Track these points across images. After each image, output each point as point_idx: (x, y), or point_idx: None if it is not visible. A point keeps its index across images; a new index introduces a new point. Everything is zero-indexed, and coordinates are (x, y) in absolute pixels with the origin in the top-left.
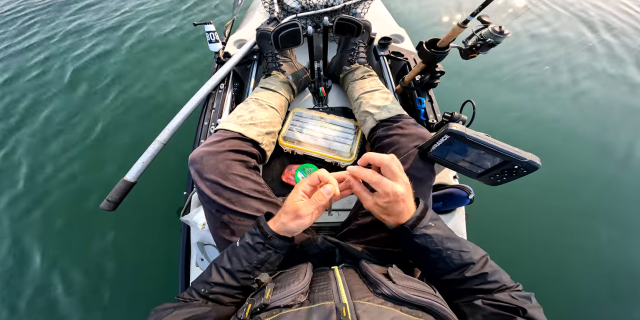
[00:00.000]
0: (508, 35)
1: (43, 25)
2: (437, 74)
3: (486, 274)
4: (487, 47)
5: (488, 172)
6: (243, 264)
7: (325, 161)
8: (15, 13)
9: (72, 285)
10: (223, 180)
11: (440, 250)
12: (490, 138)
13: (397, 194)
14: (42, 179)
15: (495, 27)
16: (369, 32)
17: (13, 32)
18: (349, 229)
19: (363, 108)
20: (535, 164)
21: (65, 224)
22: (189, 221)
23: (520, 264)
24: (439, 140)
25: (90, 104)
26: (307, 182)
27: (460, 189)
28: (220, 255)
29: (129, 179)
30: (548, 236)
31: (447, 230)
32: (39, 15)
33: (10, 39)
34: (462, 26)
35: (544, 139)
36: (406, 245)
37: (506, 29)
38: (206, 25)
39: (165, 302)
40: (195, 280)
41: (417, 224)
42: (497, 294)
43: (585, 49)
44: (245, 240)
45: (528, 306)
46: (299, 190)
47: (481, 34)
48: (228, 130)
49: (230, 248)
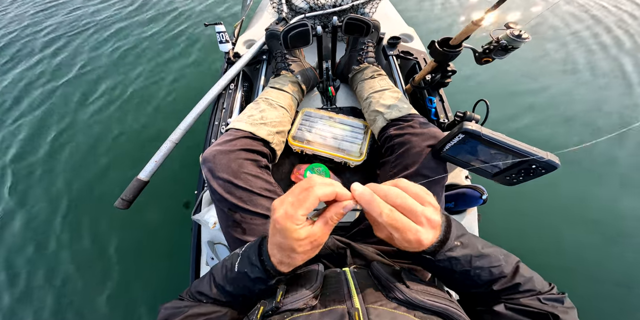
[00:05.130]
0: (527, 40)
1: (64, 20)
2: (449, 73)
3: (518, 285)
4: (502, 51)
5: (504, 171)
6: (244, 290)
7: (335, 161)
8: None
9: (79, 281)
10: (235, 179)
11: (468, 270)
12: (507, 137)
13: (422, 243)
14: (61, 179)
15: (514, 31)
16: (377, 31)
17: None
18: (360, 228)
19: (373, 107)
20: (554, 163)
21: (78, 221)
22: (200, 220)
23: (533, 260)
24: (453, 140)
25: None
26: (308, 204)
27: (473, 189)
28: (219, 270)
29: (142, 177)
30: (562, 234)
31: (476, 246)
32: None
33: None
34: (476, 24)
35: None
36: (427, 268)
37: (525, 33)
38: (217, 25)
39: (174, 300)
40: (195, 286)
41: (441, 249)
42: (523, 299)
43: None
44: (244, 269)
45: (560, 310)
46: (297, 216)
47: (498, 36)
48: (239, 129)
49: (229, 269)
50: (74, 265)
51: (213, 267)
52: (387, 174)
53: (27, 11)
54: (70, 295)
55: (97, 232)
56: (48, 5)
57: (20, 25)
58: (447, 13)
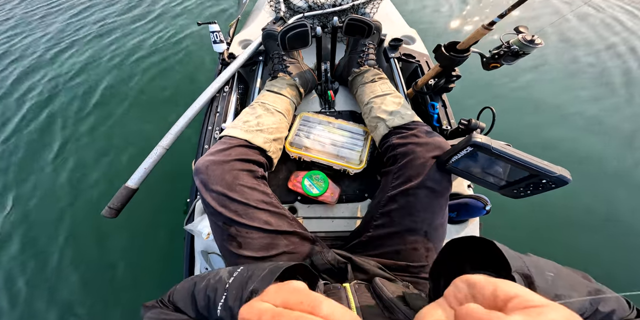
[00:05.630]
0: (540, 45)
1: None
2: (453, 78)
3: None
4: (512, 57)
5: (511, 184)
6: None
7: (334, 168)
8: None
9: (68, 292)
10: (230, 192)
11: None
12: (516, 150)
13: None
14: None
15: (526, 36)
16: (379, 33)
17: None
18: (360, 240)
19: (374, 113)
20: (565, 178)
21: (67, 231)
22: (194, 230)
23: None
24: (460, 152)
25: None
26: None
27: (476, 200)
28: (202, 297)
29: (131, 185)
30: (568, 246)
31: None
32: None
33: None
34: (487, 28)
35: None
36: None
37: (538, 39)
38: (211, 24)
39: (157, 308)
40: (176, 301)
41: None
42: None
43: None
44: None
45: None
46: None
47: (508, 40)
48: (234, 137)
49: (212, 306)
50: (55, 276)
51: (196, 288)
52: (389, 185)
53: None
54: (59, 303)
55: (82, 242)
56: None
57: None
58: (450, 15)
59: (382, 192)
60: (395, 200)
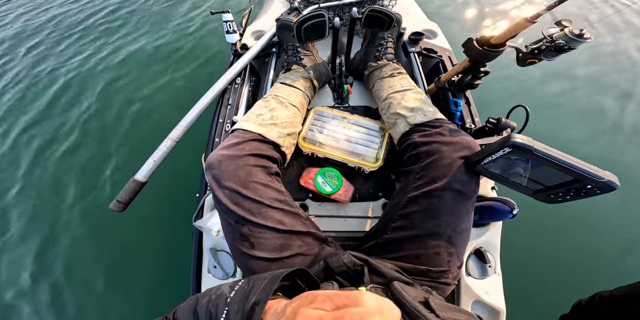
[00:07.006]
0: (589, 40)
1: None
2: (481, 74)
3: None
4: (554, 51)
5: (549, 189)
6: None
7: (348, 165)
8: None
9: (72, 288)
10: (243, 189)
11: None
12: (560, 152)
13: None
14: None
15: (574, 30)
16: (399, 26)
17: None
18: (377, 242)
19: (393, 109)
20: (614, 184)
21: (73, 224)
22: (203, 227)
23: (552, 282)
24: (495, 153)
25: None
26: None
27: (503, 203)
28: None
29: (140, 178)
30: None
31: None
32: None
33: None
34: (530, 21)
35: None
36: None
37: (587, 33)
38: (224, 14)
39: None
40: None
41: None
42: None
43: None
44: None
45: None
46: None
47: (552, 35)
48: (247, 130)
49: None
50: (59, 271)
51: (198, 305)
52: (410, 185)
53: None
54: (64, 301)
55: (89, 236)
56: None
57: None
58: (473, 9)
59: (401, 192)
60: (416, 202)
